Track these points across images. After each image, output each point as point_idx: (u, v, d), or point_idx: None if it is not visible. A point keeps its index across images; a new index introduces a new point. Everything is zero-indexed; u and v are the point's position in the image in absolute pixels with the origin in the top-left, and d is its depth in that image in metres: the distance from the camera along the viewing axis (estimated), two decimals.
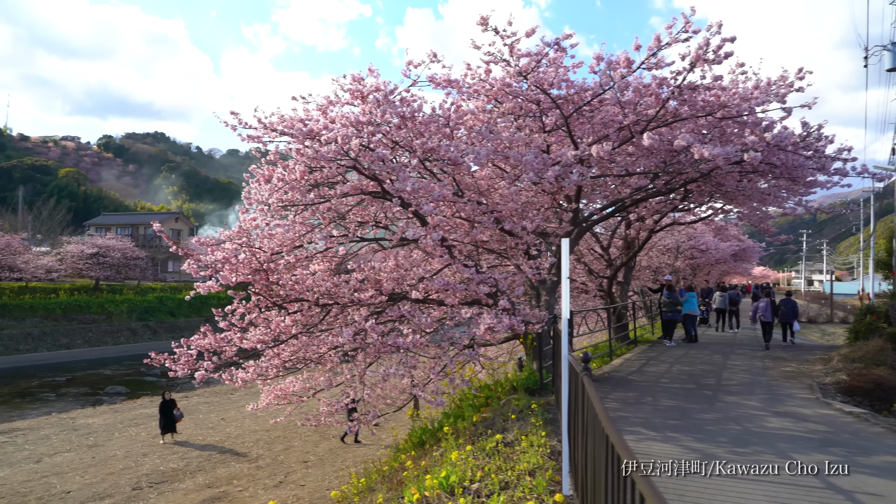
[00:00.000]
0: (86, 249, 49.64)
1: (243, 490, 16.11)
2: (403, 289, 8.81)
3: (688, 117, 8.90)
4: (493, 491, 5.17)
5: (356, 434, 21.02)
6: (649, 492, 1.99)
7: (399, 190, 7.90)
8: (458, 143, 8.42)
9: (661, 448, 6.92)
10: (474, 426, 8.41)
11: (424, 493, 5.41)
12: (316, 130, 8.13)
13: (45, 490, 16.14)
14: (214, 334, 9.42)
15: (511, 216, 9.08)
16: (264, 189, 8.83)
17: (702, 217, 15.08)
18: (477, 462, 5.88)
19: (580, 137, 9.36)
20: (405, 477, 7.41)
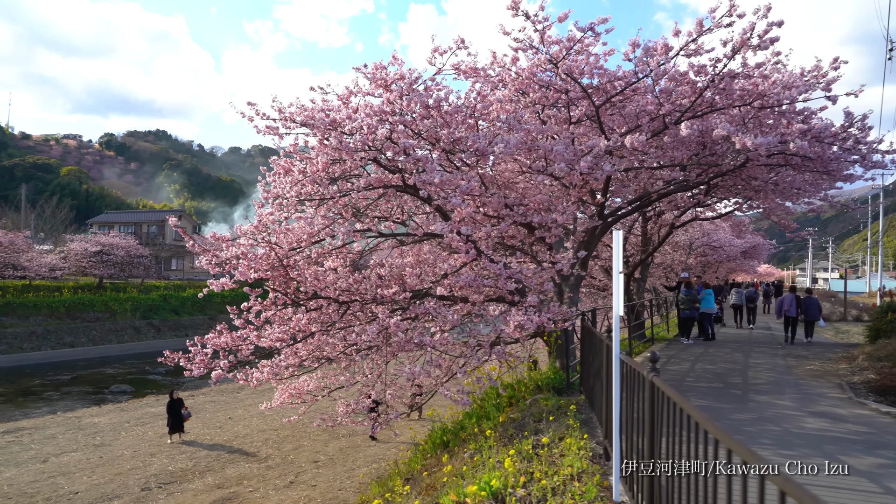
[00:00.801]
0: (89, 247, 49.33)
1: (254, 490, 15.83)
2: (426, 285, 8.52)
3: (724, 107, 8.58)
4: (539, 497, 4.86)
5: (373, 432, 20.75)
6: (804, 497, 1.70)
7: (426, 182, 7.59)
8: (486, 133, 8.12)
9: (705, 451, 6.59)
10: (502, 426, 8.12)
11: (466, 499, 5.11)
12: (338, 120, 7.83)
13: (52, 490, 15.87)
14: (230, 332, 9.11)
15: (538, 209, 8.77)
16: (284, 181, 8.52)
17: (723, 213, 14.76)
18: (519, 466, 5.58)
19: (610, 129, 9.05)
20: (434, 480, 7.12)
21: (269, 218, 8.85)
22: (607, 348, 6.27)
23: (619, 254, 4.99)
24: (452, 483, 5.84)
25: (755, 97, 8.40)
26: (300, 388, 11.54)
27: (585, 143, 8.67)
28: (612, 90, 8.72)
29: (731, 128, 7.55)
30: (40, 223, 60.57)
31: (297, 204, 9.61)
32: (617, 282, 5.00)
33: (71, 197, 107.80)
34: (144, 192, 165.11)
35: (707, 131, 8.41)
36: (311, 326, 8.66)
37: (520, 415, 8.26)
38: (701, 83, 8.44)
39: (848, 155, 9.30)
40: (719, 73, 8.27)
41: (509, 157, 9.81)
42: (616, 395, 4.99)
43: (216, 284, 10.42)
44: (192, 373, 9.04)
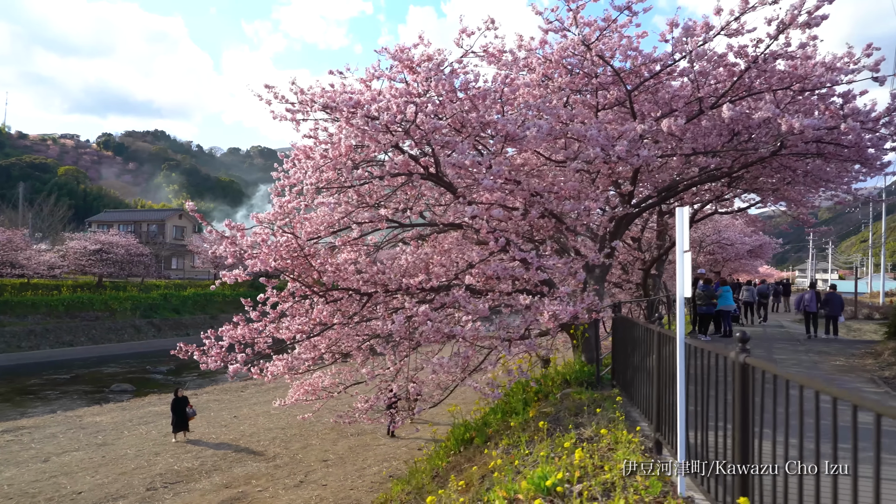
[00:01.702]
0: (89, 246, 48.81)
1: (263, 490, 15.46)
2: (452, 275, 8.18)
3: (762, 90, 8.25)
4: (600, 493, 4.52)
5: (390, 428, 20.43)
6: None
7: (455, 165, 7.24)
8: (517, 117, 7.78)
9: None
10: (533, 421, 7.77)
11: (518, 495, 4.76)
12: (363, 102, 7.48)
13: (54, 490, 15.48)
14: (247, 325, 8.75)
15: (569, 196, 8.42)
16: (306, 166, 8.15)
17: (744, 207, 14.43)
18: (569, 460, 5.23)
19: (642, 114, 8.71)
20: (469, 477, 6.77)
21: (289, 206, 8.49)
22: (659, 336, 5.93)
23: (683, 231, 4.66)
24: (497, 479, 5.48)
25: (795, 80, 8.07)
26: (315, 385, 11.19)
27: (617, 129, 8.33)
28: (647, 73, 8.38)
29: (775, 109, 7.22)
30: (38, 222, 60.02)
31: (314, 193, 9.26)
32: (681, 261, 4.67)
33: (68, 197, 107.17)
34: (143, 193, 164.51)
35: (744, 116, 8.06)
36: (332, 318, 8.29)
37: (552, 409, 7.92)
38: (741, 65, 8.11)
39: (883, 142, 8.97)
40: (762, 54, 7.92)
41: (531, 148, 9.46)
42: (681, 383, 4.65)
43: (229, 276, 10.07)
44: (207, 365, 8.68)
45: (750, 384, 3.47)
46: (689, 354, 4.65)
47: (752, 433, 3.51)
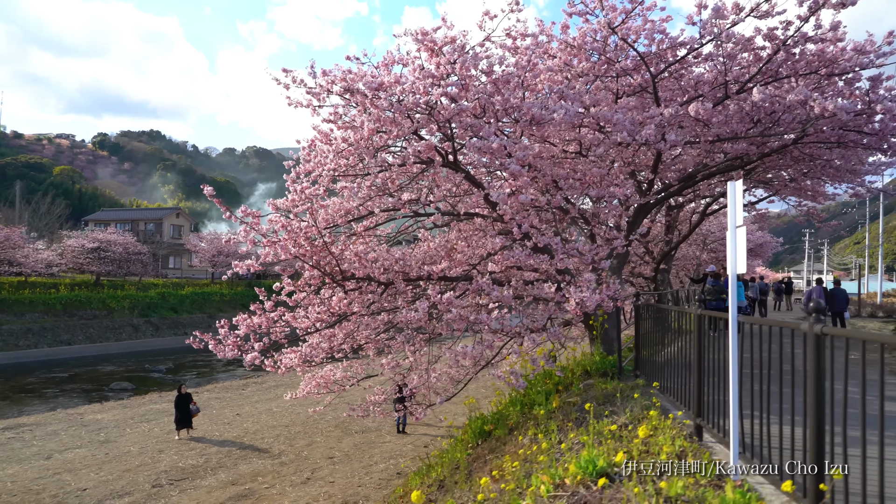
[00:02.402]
0: (87, 244, 48.46)
1: (270, 487, 15.28)
2: (474, 262, 8.03)
3: (789, 75, 8.13)
4: (654, 475, 4.38)
5: (402, 424, 20.31)
6: None
7: (482, 148, 7.09)
8: (542, 100, 7.64)
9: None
10: (560, 411, 7.63)
11: (565, 480, 4.61)
12: (387, 84, 7.33)
13: (59, 488, 15.27)
14: (264, 314, 8.59)
15: (594, 183, 8.29)
16: (326, 150, 7.99)
17: (756, 201, 14.32)
18: (611, 445, 5.09)
19: (667, 99, 8.58)
20: (498, 467, 6.61)
21: (308, 192, 8.31)
22: (700, 318, 5.82)
23: (736, 205, 4.53)
24: (538, 466, 5.33)
25: (822, 64, 7.95)
26: (327, 378, 11.01)
27: (642, 114, 8.19)
28: (672, 57, 8.25)
29: (807, 91, 7.09)
30: (35, 220, 59.63)
31: (332, 179, 9.09)
32: (733, 237, 4.54)
33: (64, 197, 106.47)
34: (138, 193, 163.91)
35: (775, 98, 7.93)
36: (352, 306, 8.13)
37: (578, 399, 7.77)
38: (769, 48, 7.99)
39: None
40: (793, 35, 7.80)
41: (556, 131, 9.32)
42: (734, 363, 4.53)
43: (241, 266, 9.91)
44: (224, 354, 8.50)
45: (826, 358, 3.33)
46: (744, 334, 4.53)
47: (825, 413, 3.38)
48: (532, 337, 7.59)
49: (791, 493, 3.73)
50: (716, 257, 29.52)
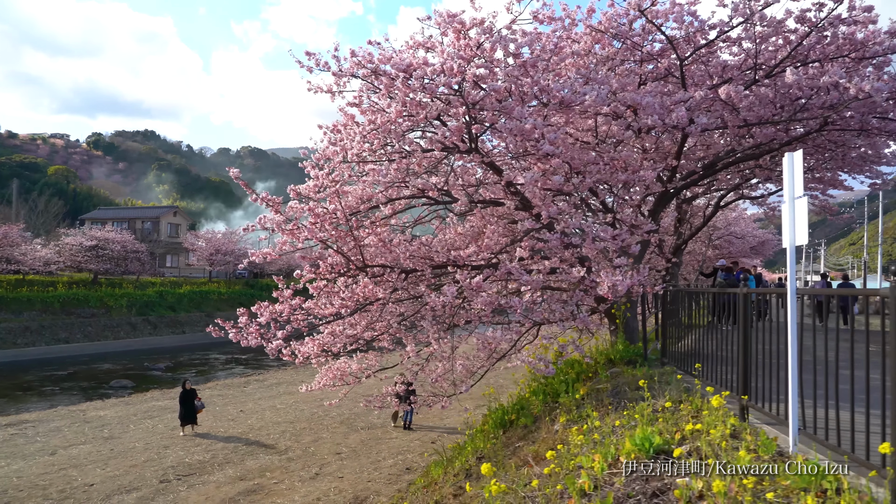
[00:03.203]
0: (85, 242, 48.11)
1: (279, 482, 15.12)
2: (500, 247, 7.91)
3: (818, 59, 8.04)
4: (712, 452, 4.27)
5: (408, 421, 20.15)
6: None
7: (513, 130, 6.98)
8: (573, 83, 7.53)
9: None
10: (588, 398, 7.51)
11: (619, 457, 4.51)
12: (415, 65, 7.21)
13: (65, 483, 15.09)
14: (287, 302, 8.45)
15: (623, 168, 8.18)
16: (353, 132, 7.85)
17: (773, 192, 14.23)
18: (661, 425, 4.98)
19: (694, 84, 8.49)
20: (532, 453, 6.51)
21: (333, 176, 8.17)
22: (746, 297, 5.73)
23: (795, 176, 4.43)
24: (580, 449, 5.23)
25: (853, 47, 7.86)
26: (343, 369, 10.87)
27: (669, 98, 8.10)
28: (704, 39, 8.15)
29: (841, 72, 7.01)
30: (32, 218, 59.23)
31: (347, 168, 8.96)
32: (792, 209, 4.44)
33: (58, 196, 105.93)
34: (133, 193, 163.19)
35: (808, 80, 7.84)
36: (376, 291, 8.00)
37: (608, 385, 7.67)
38: (801, 31, 7.90)
39: None
40: (826, 17, 7.72)
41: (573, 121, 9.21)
42: (794, 341, 4.44)
43: (258, 255, 9.78)
44: (247, 342, 8.36)
45: None
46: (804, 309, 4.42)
47: None
48: (562, 324, 7.49)
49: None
50: (720, 254, 29.51)
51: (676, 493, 3.63)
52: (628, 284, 7.23)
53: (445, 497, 6.86)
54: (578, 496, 4.28)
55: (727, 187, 13.68)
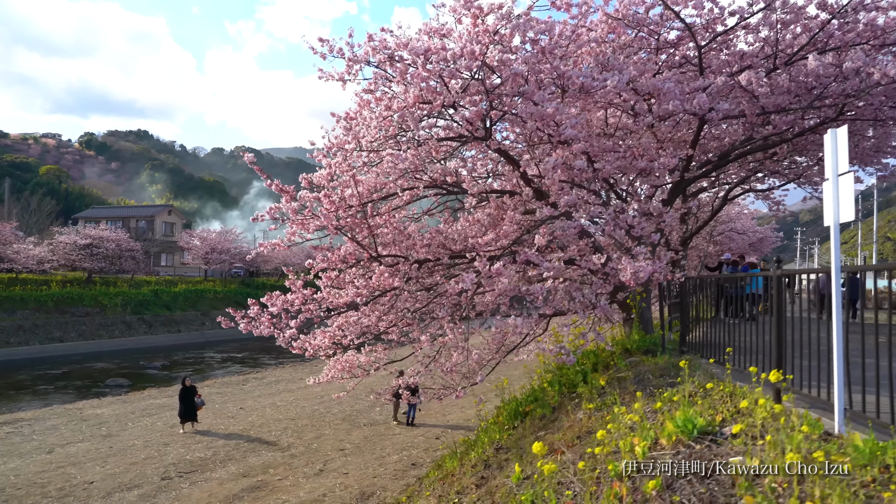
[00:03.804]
0: (79, 240, 47.70)
1: (282, 479, 14.97)
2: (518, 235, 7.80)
3: (838, 46, 7.97)
4: (757, 434, 4.18)
5: (411, 417, 20.05)
6: None
7: (534, 115, 6.86)
8: (591, 70, 7.43)
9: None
10: (610, 386, 7.41)
11: (660, 440, 4.40)
12: (434, 49, 7.09)
13: (64, 481, 14.89)
14: (303, 290, 8.32)
15: (642, 155, 8.08)
16: (369, 117, 7.72)
17: (782, 184, 14.16)
18: (699, 408, 4.87)
19: (713, 72, 8.39)
20: (557, 442, 6.39)
21: (343, 165, 8.04)
22: (779, 279, 5.63)
23: (840, 153, 4.35)
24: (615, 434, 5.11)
25: (874, 34, 7.79)
26: (351, 362, 10.72)
27: (689, 85, 8.01)
28: (723, 26, 8.06)
29: (865, 58, 6.94)
30: (25, 216, 58.71)
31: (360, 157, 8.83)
32: (835, 185, 4.35)
33: (50, 196, 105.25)
34: (126, 193, 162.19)
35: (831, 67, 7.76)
36: (392, 280, 7.87)
37: (630, 373, 7.57)
38: (822, 17, 7.83)
39: None
40: (848, 2, 7.64)
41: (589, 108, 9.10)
42: (838, 319, 4.35)
43: (266, 245, 9.65)
44: (260, 331, 8.22)
45: None
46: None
47: None
48: (584, 313, 7.38)
49: None
50: (720, 249, 29.51)
51: (734, 472, 3.52)
52: (650, 271, 7.12)
53: (467, 487, 6.74)
54: (619, 478, 4.17)
55: (735, 180, 13.61)
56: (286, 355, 41.69)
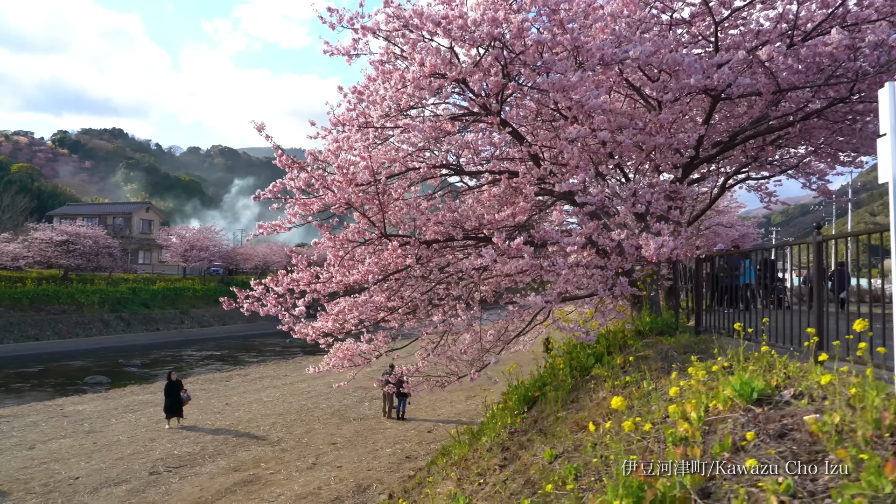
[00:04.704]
0: (55, 237, 46.52)
1: (275, 473, 14.63)
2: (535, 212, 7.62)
3: (856, 22, 7.86)
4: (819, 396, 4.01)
5: (401, 411, 19.81)
6: None
7: (556, 85, 6.66)
8: (613, 40, 7.24)
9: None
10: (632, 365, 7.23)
11: (717, 405, 4.22)
12: (451, 17, 6.85)
13: (48, 476, 14.40)
14: (308, 269, 8.03)
15: (660, 129, 7.92)
16: (383, 87, 7.45)
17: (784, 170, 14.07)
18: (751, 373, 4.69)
19: (727, 49, 8.24)
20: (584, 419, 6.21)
21: (357, 134, 7.76)
22: (818, 246, 5.49)
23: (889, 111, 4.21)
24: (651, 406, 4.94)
25: (892, 8, 7.70)
26: (353, 350, 10.44)
27: (708, 60, 7.87)
28: (739, 2, 7.93)
29: (889, 30, 6.85)
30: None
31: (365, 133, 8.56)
32: (894, 140, 4.20)
33: (23, 194, 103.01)
34: (100, 191, 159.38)
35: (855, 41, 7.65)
36: (405, 259, 7.61)
37: (652, 351, 7.39)
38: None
39: None
40: None
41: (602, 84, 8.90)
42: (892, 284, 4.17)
43: (266, 227, 9.33)
44: (269, 310, 7.92)
45: None
46: None
47: None
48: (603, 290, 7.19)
49: None
50: (708, 244, 29.61)
51: (812, 428, 3.33)
52: (672, 246, 6.96)
53: (490, 468, 6.51)
54: (676, 444, 3.98)
55: (732, 170, 13.53)
56: (267, 353, 41.15)
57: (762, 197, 17.05)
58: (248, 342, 45.59)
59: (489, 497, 5.44)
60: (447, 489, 6.71)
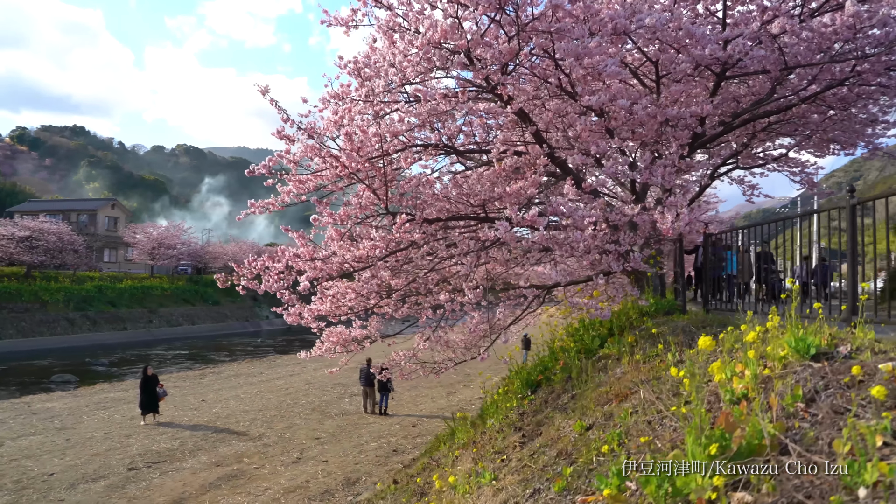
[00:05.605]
0: (17, 232, 44.93)
1: (259, 467, 14.22)
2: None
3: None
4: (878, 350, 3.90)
5: (383, 406, 19.50)
6: None
7: (571, 52, 6.48)
8: (627, 9, 7.10)
9: None
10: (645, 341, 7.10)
11: (772, 362, 4.08)
12: None
13: (20, 473, 13.79)
14: (309, 247, 7.73)
15: (673, 102, 7.81)
16: (393, 52, 7.18)
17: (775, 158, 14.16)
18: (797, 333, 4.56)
19: (734, 25, 8.17)
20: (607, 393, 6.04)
21: (367, 103, 7.48)
22: (852, 209, 5.42)
23: None
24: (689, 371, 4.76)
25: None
26: (346, 336, 10.15)
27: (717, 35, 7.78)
28: None
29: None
30: None
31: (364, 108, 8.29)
32: None
33: None
34: (61, 190, 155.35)
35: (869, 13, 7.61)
36: (412, 234, 7.36)
37: (666, 328, 7.27)
38: None
39: None
40: None
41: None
42: None
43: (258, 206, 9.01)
44: (270, 286, 7.60)
45: None
46: None
47: None
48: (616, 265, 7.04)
49: None
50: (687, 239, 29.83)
51: (886, 377, 3.19)
52: (688, 219, 6.84)
53: (508, 446, 6.30)
54: (731, 403, 3.83)
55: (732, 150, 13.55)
56: (238, 352, 40.39)
57: (745, 190, 17.16)
58: (217, 341, 44.70)
59: (517, 471, 5.23)
60: (465, 468, 6.48)
